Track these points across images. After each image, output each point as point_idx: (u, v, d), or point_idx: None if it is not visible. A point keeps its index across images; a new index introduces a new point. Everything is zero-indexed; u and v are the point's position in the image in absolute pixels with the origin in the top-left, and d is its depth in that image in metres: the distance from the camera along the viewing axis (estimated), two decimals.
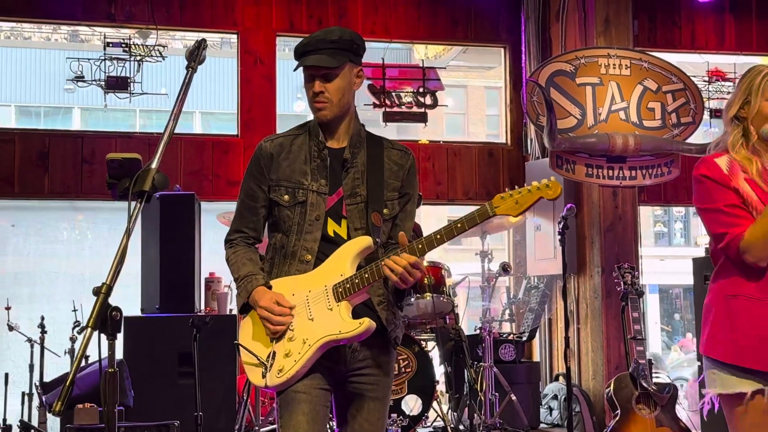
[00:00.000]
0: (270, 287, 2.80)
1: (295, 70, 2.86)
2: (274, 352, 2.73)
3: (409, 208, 2.93)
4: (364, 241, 2.76)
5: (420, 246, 2.66)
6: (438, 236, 2.65)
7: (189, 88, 2.77)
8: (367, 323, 2.67)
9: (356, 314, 2.73)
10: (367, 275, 2.69)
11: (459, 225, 2.65)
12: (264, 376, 2.72)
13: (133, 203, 2.38)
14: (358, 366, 2.81)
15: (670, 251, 21.02)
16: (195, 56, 2.73)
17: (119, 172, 3.89)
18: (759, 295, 2.76)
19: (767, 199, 2.75)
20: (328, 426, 5.41)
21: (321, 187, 2.83)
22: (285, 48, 8.63)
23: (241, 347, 2.80)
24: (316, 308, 2.74)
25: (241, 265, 2.84)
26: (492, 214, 2.69)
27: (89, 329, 2.17)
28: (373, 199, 2.82)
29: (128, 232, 2.38)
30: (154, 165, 2.49)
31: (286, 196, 2.83)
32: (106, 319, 2.20)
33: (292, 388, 2.71)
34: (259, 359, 2.74)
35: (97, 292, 2.21)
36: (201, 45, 2.72)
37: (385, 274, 2.66)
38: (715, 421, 6.04)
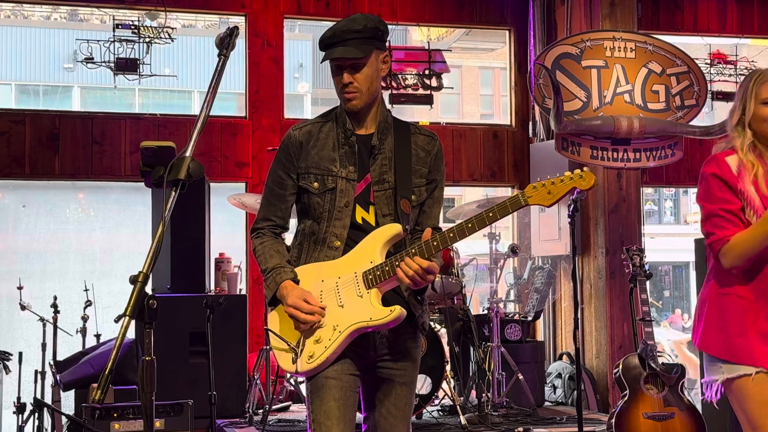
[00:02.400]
0: (297, 281, 2.81)
1: (322, 62, 2.86)
2: (302, 339, 2.76)
3: (437, 195, 2.93)
4: (393, 229, 2.77)
5: (451, 235, 2.68)
6: (469, 225, 2.67)
7: (222, 75, 2.80)
8: (398, 311, 2.68)
9: (385, 301, 2.75)
10: (397, 263, 2.69)
11: (491, 214, 2.66)
12: (294, 362, 2.75)
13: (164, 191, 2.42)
14: (387, 352, 2.83)
15: (660, 229, 21.17)
16: (227, 43, 2.73)
17: (153, 160, 3.93)
18: (750, 295, 2.86)
19: None
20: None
21: (350, 173, 2.83)
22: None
23: (271, 333, 2.82)
24: (346, 294, 2.76)
25: (268, 257, 2.85)
26: (524, 204, 2.68)
27: (127, 317, 2.21)
28: (402, 185, 2.82)
29: (164, 221, 2.40)
30: (188, 153, 2.51)
31: (316, 183, 2.83)
32: (143, 307, 2.24)
33: (322, 374, 2.74)
34: (289, 345, 2.77)
35: (134, 280, 2.23)
36: (233, 32, 2.71)
37: (398, 277, 2.68)
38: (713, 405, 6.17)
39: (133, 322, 2.28)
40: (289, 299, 2.74)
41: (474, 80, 21.24)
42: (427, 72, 7.52)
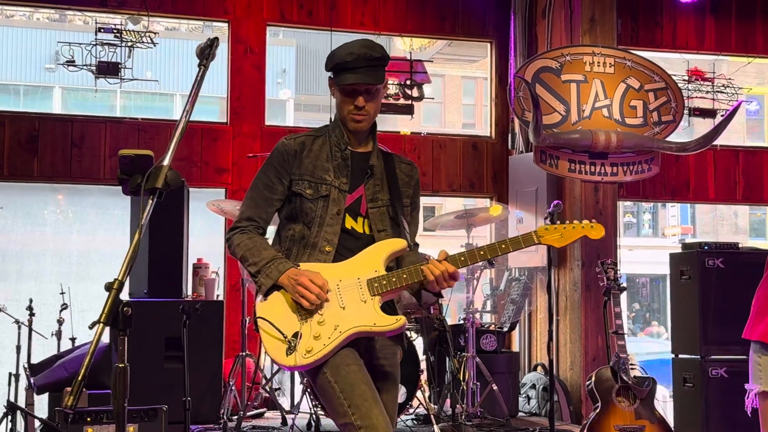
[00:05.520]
0: None
1: (339, 84, 2.96)
2: (299, 333, 2.81)
3: (416, 217, 3.17)
4: (399, 244, 2.95)
5: (462, 258, 2.88)
6: (481, 252, 2.88)
7: (201, 86, 2.83)
8: (403, 321, 2.83)
9: (384, 310, 2.89)
10: (405, 275, 2.85)
11: (503, 246, 2.88)
12: (288, 355, 2.79)
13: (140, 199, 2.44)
14: (378, 354, 2.98)
15: (638, 242, 21.37)
16: (207, 54, 2.77)
17: (131, 168, 3.95)
18: None
19: None
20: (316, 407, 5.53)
21: (342, 184, 2.99)
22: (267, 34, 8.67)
23: (266, 322, 2.85)
24: (348, 297, 2.86)
25: (262, 249, 2.93)
26: (537, 242, 2.92)
27: (101, 325, 2.22)
28: (397, 204, 3.03)
29: (141, 229, 2.42)
30: (166, 162, 2.53)
31: (309, 190, 2.96)
32: (117, 314, 2.25)
33: (342, 362, 2.78)
34: (284, 336, 2.80)
35: (108, 287, 2.25)
36: (213, 44, 2.76)
37: (424, 274, 2.83)
38: (686, 410, 6.24)
39: (109, 328, 2.29)
40: (299, 278, 2.82)
41: (456, 90, 21.34)
42: (408, 82, 7.57)
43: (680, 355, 6.43)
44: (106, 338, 5.56)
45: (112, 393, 2.35)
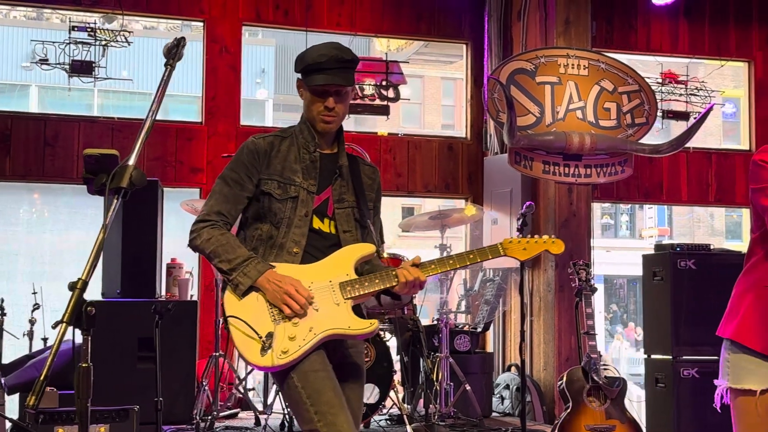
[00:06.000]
0: None
1: (310, 85, 3.00)
2: (273, 333, 2.83)
3: (377, 220, 3.25)
4: (368, 249, 3.02)
5: (432, 266, 2.97)
6: (450, 261, 2.99)
7: (167, 85, 2.84)
8: (376, 325, 2.91)
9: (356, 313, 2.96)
10: (377, 280, 2.94)
11: (471, 256, 3.00)
12: (263, 355, 2.81)
13: (108, 199, 2.44)
14: (349, 352, 3.04)
15: (615, 243, 21.52)
16: (174, 53, 2.78)
17: (96, 168, 3.92)
18: None
19: None
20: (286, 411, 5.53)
21: (311, 186, 3.02)
22: (245, 33, 8.66)
23: (241, 321, 2.85)
24: (321, 300, 2.90)
25: (236, 247, 2.93)
26: (502, 253, 3.04)
27: (64, 324, 2.23)
28: (362, 206, 3.10)
29: (105, 228, 2.42)
30: (131, 161, 2.52)
31: (278, 190, 2.98)
32: (81, 314, 2.26)
33: (309, 368, 2.82)
34: (258, 335, 2.82)
35: (72, 287, 2.25)
36: (180, 43, 2.78)
37: (397, 280, 2.93)
38: (659, 411, 6.29)
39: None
40: (284, 284, 2.84)
41: (436, 91, 21.39)
42: (384, 83, 7.58)
43: (653, 356, 6.48)
44: (78, 338, 5.53)
45: (75, 393, 2.35)
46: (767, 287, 2.87)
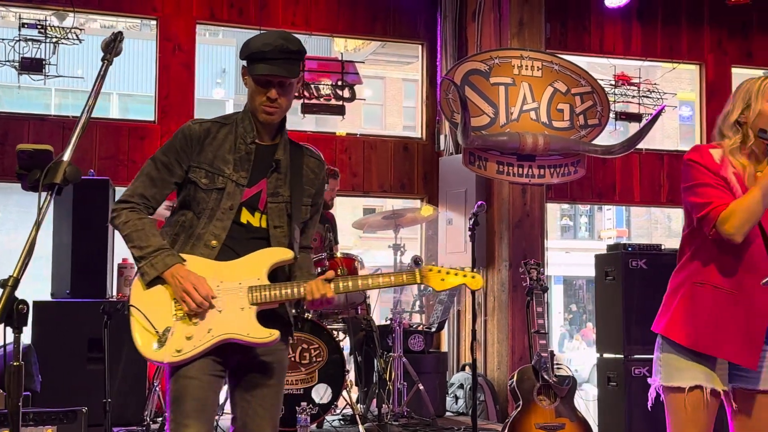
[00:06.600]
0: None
1: (253, 74, 2.91)
2: (171, 329, 2.79)
3: (315, 218, 3.12)
4: (286, 254, 2.92)
5: (345, 284, 2.92)
6: (364, 282, 2.96)
7: (104, 80, 2.80)
8: (276, 335, 2.83)
9: (265, 316, 2.87)
10: (287, 291, 2.86)
11: (387, 279, 2.93)
12: (156, 350, 2.77)
13: (43, 195, 2.40)
14: (256, 354, 2.93)
15: (575, 244, 21.73)
16: (111, 48, 2.74)
17: (29, 163, 3.85)
18: (726, 286, 2.87)
19: None
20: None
21: (240, 178, 2.92)
22: (205, 33, 8.61)
23: (139, 312, 2.81)
24: (226, 302, 2.84)
25: (150, 235, 2.86)
26: (420, 281, 2.96)
27: None
28: (296, 201, 2.97)
29: (37, 225, 2.38)
30: (66, 157, 2.48)
31: (205, 180, 2.90)
32: (12, 312, 2.21)
33: (183, 373, 2.78)
34: (155, 329, 2.78)
35: (3, 284, 2.21)
36: (117, 37, 2.74)
37: (304, 294, 2.86)
38: (610, 410, 6.35)
39: (30, 328, 2.26)
40: (186, 281, 2.79)
41: (397, 92, 21.43)
42: (340, 83, 7.58)
43: (605, 355, 6.53)
44: (26, 340, 5.46)
45: (6, 392, 2.31)
46: (696, 284, 2.93)
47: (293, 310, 3.04)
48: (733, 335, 2.87)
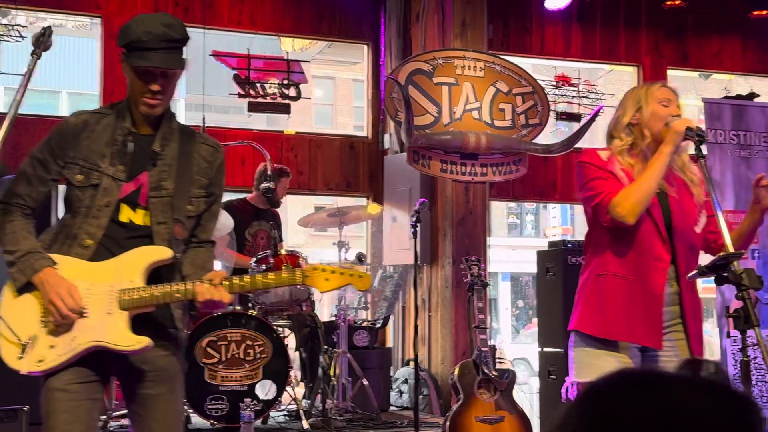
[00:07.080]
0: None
1: (132, 65, 2.69)
2: (36, 337, 2.65)
3: (214, 209, 2.92)
4: (163, 253, 2.73)
5: (239, 284, 2.75)
6: (244, 281, 2.76)
7: (33, 75, 2.80)
8: (145, 343, 2.66)
9: (144, 319, 2.72)
10: (158, 293, 2.68)
11: (272, 279, 2.79)
12: (19, 359, 2.65)
13: None
14: (135, 362, 2.76)
15: (521, 241, 22.03)
16: (40, 43, 2.74)
17: None
18: (624, 272, 3.02)
19: None
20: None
21: (117, 172, 2.73)
22: None
23: (2, 321, 2.67)
24: (94, 306, 2.68)
25: (20, 237, 2.68)
26: (301, 282, 2.80)
27: None
28: (179, 194, 2.77)
29: None
30: None
31: (80, 176, 2.72)
32: None
33: (51, 384, 2.67)
34: (19, 339, 2.65)
35: None
36: (46, 32, 2.74)
37: (195, 295, 2.68)
38: (551, 402, 6.50)
39: None
40: (54, 289, 2.62)
41: (348, 92, 21.49)
42: (286, 81, 7.62)
43: (545, 349, 6.68)
44: None
45: None
46: (599, 276, 3.10)
47: (180, 311, 2.81)
48: (638, 319, 3.02)
